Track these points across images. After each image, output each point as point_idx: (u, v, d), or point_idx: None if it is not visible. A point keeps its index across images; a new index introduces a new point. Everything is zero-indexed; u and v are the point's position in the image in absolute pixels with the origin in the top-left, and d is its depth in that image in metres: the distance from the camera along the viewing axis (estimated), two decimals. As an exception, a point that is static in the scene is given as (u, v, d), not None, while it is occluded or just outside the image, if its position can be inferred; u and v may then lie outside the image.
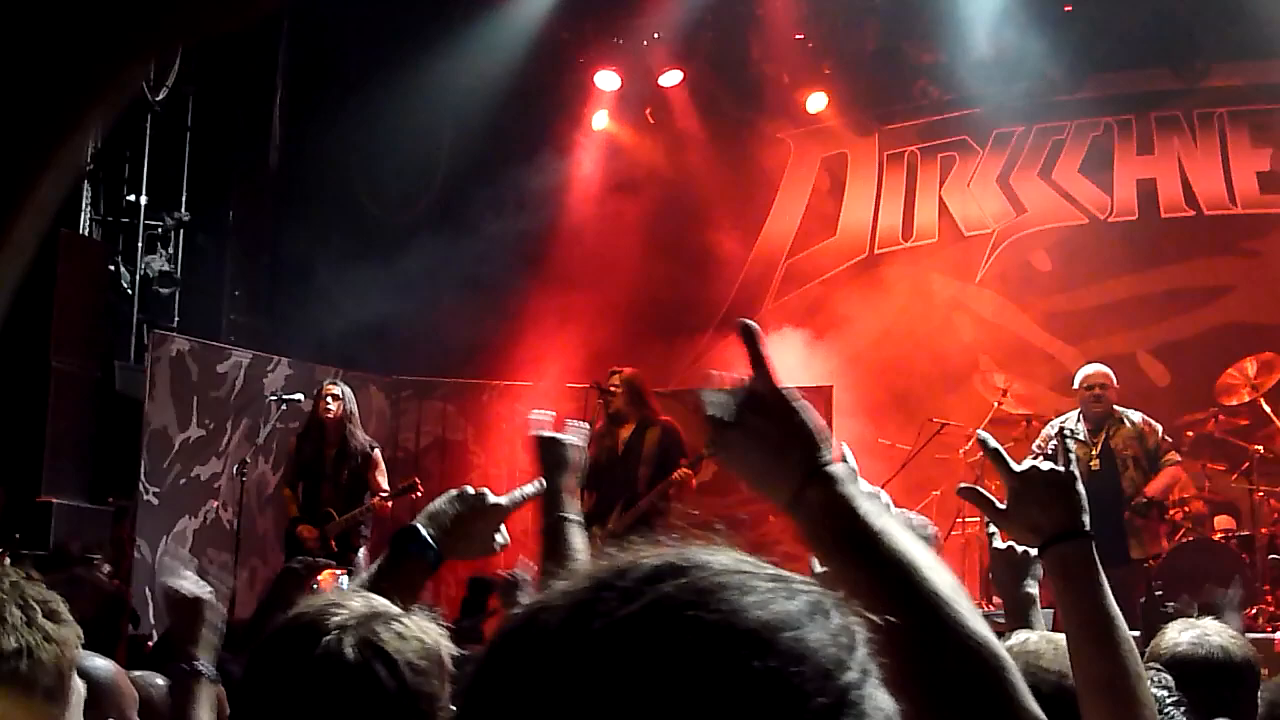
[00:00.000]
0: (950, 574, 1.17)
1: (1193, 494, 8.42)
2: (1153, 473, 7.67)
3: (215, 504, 9.18)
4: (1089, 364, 8.15)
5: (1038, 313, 10.57)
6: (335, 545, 8.01)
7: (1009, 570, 2.60)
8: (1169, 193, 10.34)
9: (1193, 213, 10.28)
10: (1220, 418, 8.78)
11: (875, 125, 11.26)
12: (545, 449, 2.48)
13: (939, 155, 11.08)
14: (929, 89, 10.81)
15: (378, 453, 8.32)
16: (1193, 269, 10.27)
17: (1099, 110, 10.50)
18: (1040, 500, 1.82)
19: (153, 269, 9.87)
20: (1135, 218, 10.42)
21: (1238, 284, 10.06)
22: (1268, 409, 8.69)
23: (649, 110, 11.38)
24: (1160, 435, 7.78)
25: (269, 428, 9.41)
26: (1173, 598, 6.95)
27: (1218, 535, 8.17)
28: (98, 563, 6.64)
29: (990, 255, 10.83)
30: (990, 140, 10.83)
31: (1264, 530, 8.21)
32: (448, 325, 10.42)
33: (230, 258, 10.72)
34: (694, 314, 10.98)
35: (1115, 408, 7.80)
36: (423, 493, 7.92)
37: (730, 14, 10.90)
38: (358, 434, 8.27)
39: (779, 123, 11.36)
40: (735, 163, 11.28)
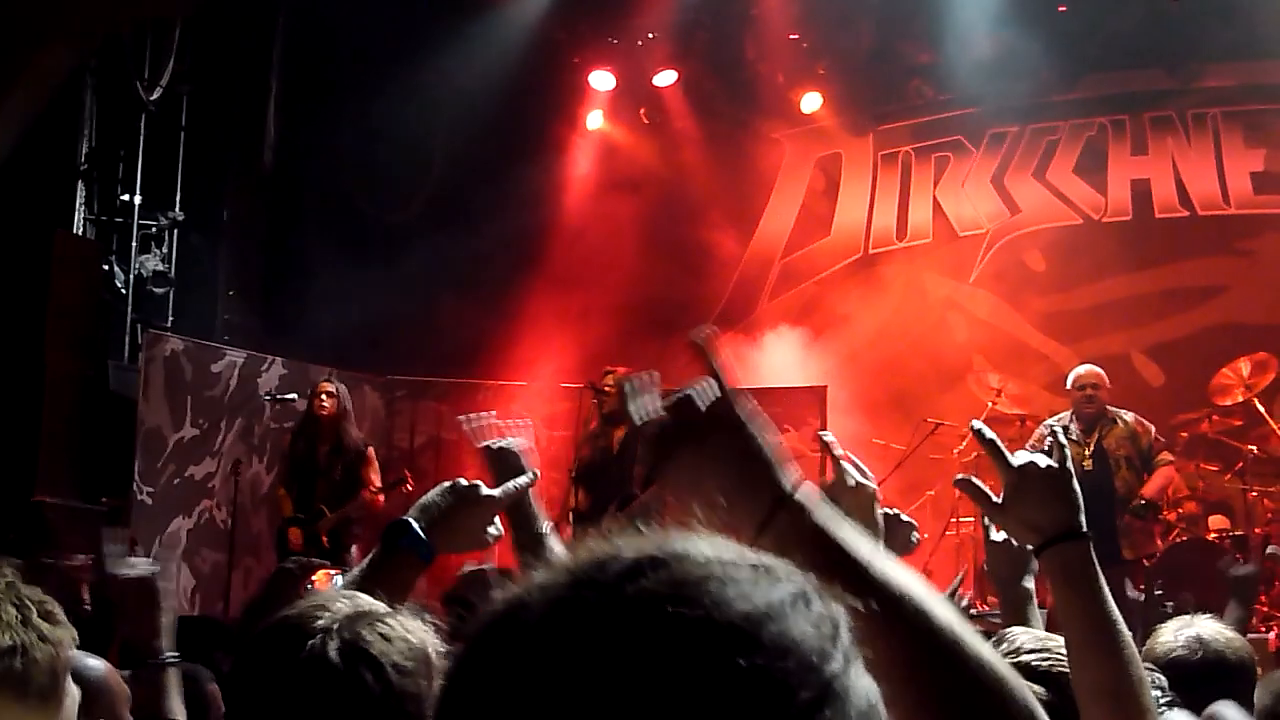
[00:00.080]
0: (948, 606, 1.12)
1: (1186, 494, 8.44)
2: (1146, 473, 7.65)
3: (209, 504, 9.16)
4: (1082, 364, 8.16)
5: (1032, 313, 10.56)
6: (327, 542, 8.01)
7: (1006, 564, 2.56)
8: (1163, 193, 10.35)
9: (1187, 213, 10.29)
10: (1214, 418, 8.81)
11: (870, 125, 11.27)
12: (496, 461, 2.40)
13: (933, 155, 11.08)
14: (923, 89, 10.84)
15: (370, 450, 8.36)
16: (1187, 269, 10.28)
17: (1093, 110, 10.51)
18: (1037, 496, 1.78)
19: (147, 268, 9.84)
20: (1129, 218, 10.42)
21: (1232, 284, 10.07)
22: (1261, 409, 8.71)
23: (644, 110, 11.37)
24: (1153, 435, 7.78)
25: (263, 428, 9.40)
26: (1170, 597, 6.97)
27: (1212, 535, 8.18)
28: (85, 562, 6.60)
29: (984, 255, 10.83)
30: (985, 140, 10.84)
31: (1258, 530, 8.23)
32: (442, 325, 10.41)
33: (224, 257, 10.69)
34: (689, 314, 10.93)
35: (1108, 408, 7.79)
36: (414, 486, 7.96)
37: (725, 14, 10.89)
38: (352, 431, 8.29)
39: (774, 123, 11.37)
40: (730, 162, 11.27)
